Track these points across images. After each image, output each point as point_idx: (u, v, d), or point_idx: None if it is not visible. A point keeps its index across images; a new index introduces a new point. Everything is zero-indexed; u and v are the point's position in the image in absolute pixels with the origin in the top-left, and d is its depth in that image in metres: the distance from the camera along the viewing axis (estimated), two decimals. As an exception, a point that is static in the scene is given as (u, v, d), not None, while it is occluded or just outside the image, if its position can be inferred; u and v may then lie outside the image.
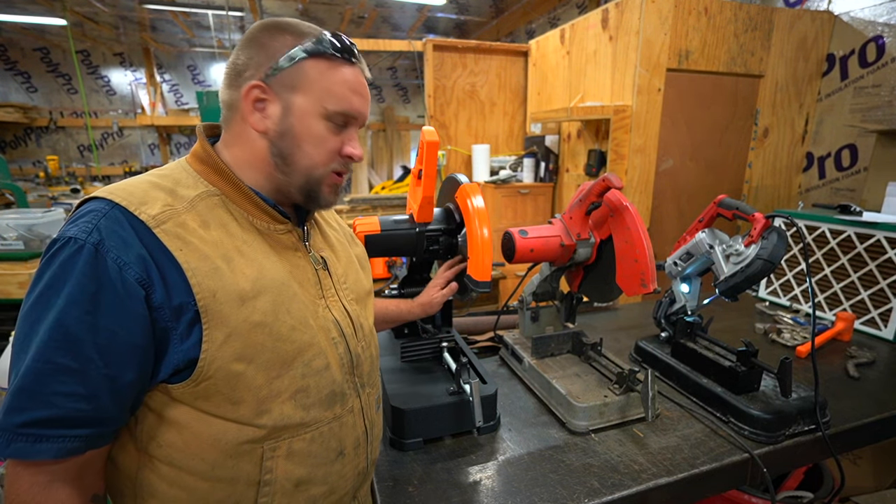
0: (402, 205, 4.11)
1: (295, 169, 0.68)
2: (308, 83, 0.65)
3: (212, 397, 0.60)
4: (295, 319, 0.66)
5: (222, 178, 0.67)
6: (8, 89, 6.75)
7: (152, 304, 0.56)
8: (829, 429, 1.05)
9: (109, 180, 6.99)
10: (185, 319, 0.58)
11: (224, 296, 0.59)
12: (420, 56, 3.32)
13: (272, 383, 0.63)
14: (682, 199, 2.64)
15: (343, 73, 0.67)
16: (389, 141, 8.27)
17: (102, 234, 0.55)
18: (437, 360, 1.21)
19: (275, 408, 0.63)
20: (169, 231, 0.58)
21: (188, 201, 0.62)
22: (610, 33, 2.51)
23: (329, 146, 0.68)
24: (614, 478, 0.92)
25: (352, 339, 0.75)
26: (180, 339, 0.58)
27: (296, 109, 0.66)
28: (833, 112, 2.67)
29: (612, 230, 1.13)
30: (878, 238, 1.54)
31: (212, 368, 0.58)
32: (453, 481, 0.92)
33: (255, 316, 0.62)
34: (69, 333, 0.52)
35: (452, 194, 1.15)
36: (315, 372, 0.68)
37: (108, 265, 0.54)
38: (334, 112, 0.66)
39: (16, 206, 3.56)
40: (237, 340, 0.60)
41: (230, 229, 0.65)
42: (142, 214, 0.58)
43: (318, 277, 0.73)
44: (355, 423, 0.74)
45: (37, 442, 0.52)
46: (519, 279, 1.42)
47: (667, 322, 1.35)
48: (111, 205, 0.58)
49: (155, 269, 0.57)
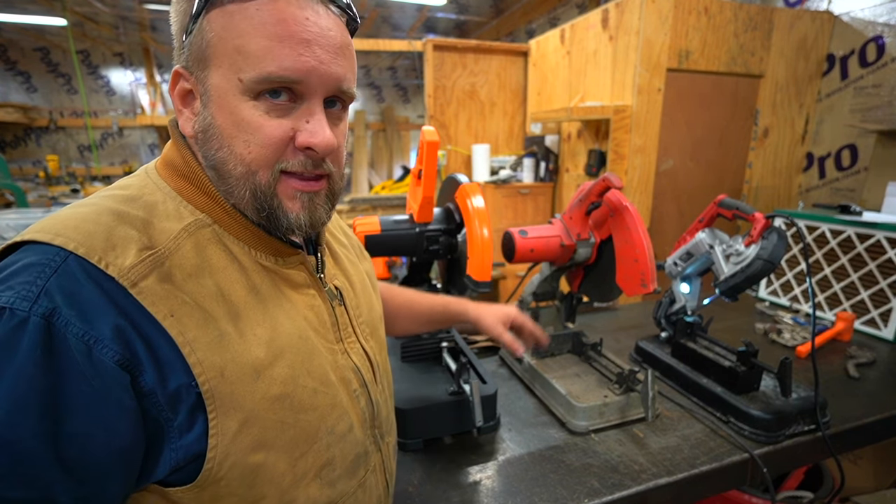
0: (402, 205, 4.11)
1: (231, 180, 0.47)
2: (218, 50, 0.44)
3: (222, 500, 0.45)
4: (317, 380, 0.52)
5: (213, 200, 0.49)
6: (8, 89, 6.75)
7: (142, 391, 0.41)
8: (829, 429, 1.05)
9: (110, 180, 6.99)
10: (185, 407, 0.43)
11: (235, 372, 0.45)
12: (420, 56, 3.32)
13: (296, 466, 0.49)
14: (682, 199, 2.64)
15: (260, 15, 0.42)
16: (389, 141, 8.27)
17: (56, 300, 0.38)
18: (437, 360, 1.21)
19: (300, 495, 0.50)
20: (152, 291, 0.42)
21: (171, 238, 0.45)
22: (610, 33, 2.51)
23: (266, 137, 0.45)
24: (614, 478, 0.92)
25: (372, 386, 0.61)
26: (179, 432, 0.43)
27: (212, 93, 0.46)
28: (833, 112, 2.67)
29: (612, 230, 1.13)
30: (878, 238, 1.54)
31: (224, 466, 0.44)
32: (453, 481, 0.92)
33: (275, 389, 0.47)
34: (18, 452, 0.35)
35: (452, 194, 1.15)
36: (339, 438, 0.54)
37: (68, 345, 0.37)
38: (253, 82, 0.43)
39: (16, 206, 3.56)
40: (255, 425, 0.46)
41: (231, 274, 0.48)
42: (110, 268, 0.40)
43: (335, 317, 0.58)
44: (377, 483, 0.62)
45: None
46: (519, 279, 1.42)
47: (667, 322, 1.35)
48: (62, 254, 0.40)
49: (140, 343, 0.41)
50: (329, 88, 0.47)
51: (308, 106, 0.47)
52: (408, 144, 8.44)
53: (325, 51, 0.45)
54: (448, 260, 1.24)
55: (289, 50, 0.43)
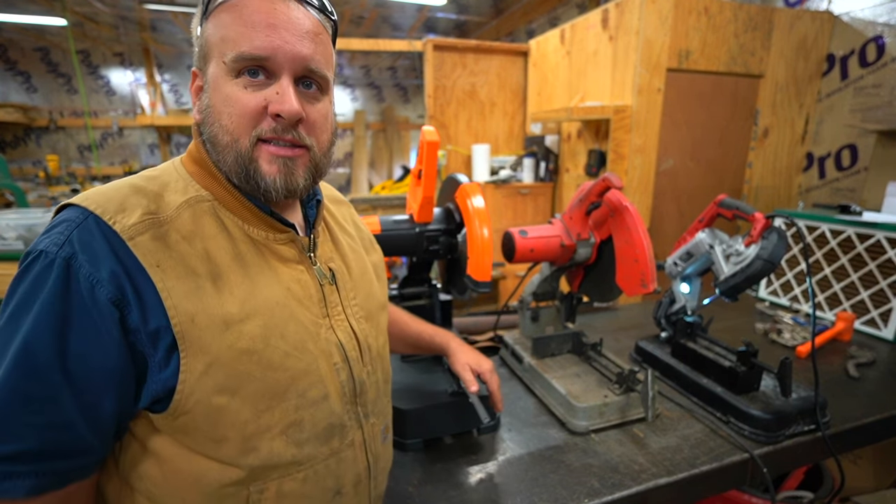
0: (402, 205, 4.11)
1: (221, 150, 0.57)
2: (212, 44, 0.55)
3: (191, 433, 0.53)
4: (290, 345, 0.58)
5: (215, 180, 0.59)
6: (8, 89, 6.75)
7: (128, 327, 0.50)
8: (829, 429, 1.05)
9: (109, 180, 6.94)
10: (163, 345, 0.51)
11: (205, 320, 0.52)
12: (420, 56, 3.32)
13: (260, 417, 0.56)
14: (682, 199, 2.64)
15: (241, 9, 0.53)
16: (389, 141, 8.27)
17: (75, 247, 0.49)
18: (437, 360, 1.21)
19: (263, 445, 0.56)
20: (145, 245, 0.51)
21: (174, 209, 0.55)
22: (610, 33, 2.51)
23: (244, 108, 0.54)
24: (614, 478, 0.92)
25: (356, 363, 0.66)
26: (159, 367, 0.51)
27: (210, 80, 0.56)
28: (833, 112, 2.67)
29: (612, 230, 1.13)
30: (878, 238, 1.54)
31: (190, 402, 0.52)
32: (453, 481, 0.92)
33: (242, 342, 0.54)
34: (37, 358, 0.46)
35: (452, 194, 1.15)
36: (311, 403, 0.60)
37: (79, 282, 0.48)
38: (231, 61, 0.54)
39: (16, 206, 3.56)
40: (219, 370, 0.53)
41: (219, 242, 0.57)
42: (116, 224, 0.51)
43: (322, 294, 0.64)
44: (356, 459, 0.67)
45: (6, 479, 0.46)
46: (519, 279, 1.42)
47: (667, 322, 1.35)
48: (86, 213, 0.51)
49: (130, 288, 0.50)
50: (296, 67, 0.56)
51: (279, 82, 0.55)
52: (408, 144, 8.44)
53: (290, 34, 0.54)
54: (448, 260, 1.24)
55: (258, 32, 0.53)
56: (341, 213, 0.80)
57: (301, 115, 0.56)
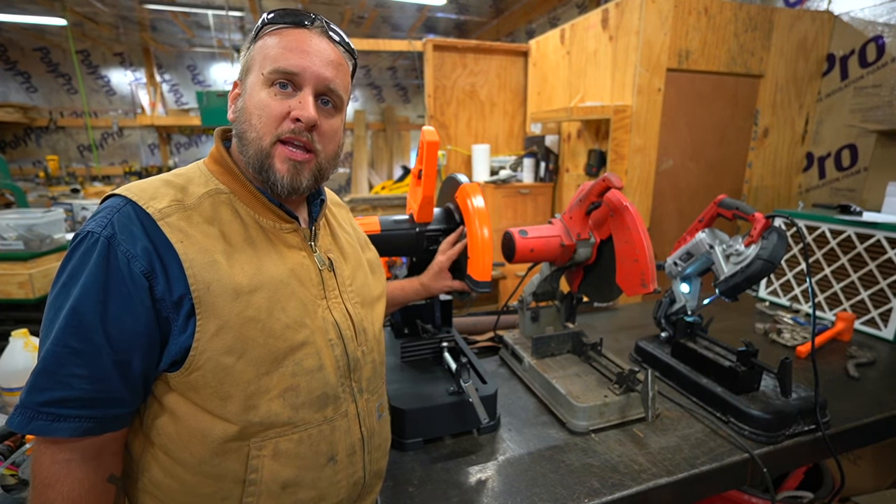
0: (402, 205, 4.11)
1: (247, 144, 0.67)
2: (254, 61, 0.68)
3: (201, 389, 0.61)
4: (290, 318, 0.67)
5: (232, 177, 0.70)
6: (8, 89, 6.75)
7: (155, 296, 0.59)
8: (829, 429, 1.05)
9: (109, 180, 6.99)
10: (184, 312, 0.60)
11: (218, 288, 0.61)
12: (420, 56, 3.32)
13: (261, 379, 0.64)
14: (682, 199, 2.64)
15: (282, 37, 0.67)
16: (389, 141, 8.27)
17: (115, 228, 0.59)
18: (437, 360, 1.21)
19: (262, 404, 0.64)
20: (172, 224, 0.61)
21: (196, 198, 0.66)
22: (610, 33, 2.51)
23: (271, 111, 0.66)
24: (614, 478, 0.92)
25: (351, 342, 0.74)
26: (179, 330, 0.60)
27: (247, 88, 0.68)
28: (833, 112, 2.67)
29: (612, 230, 1.13)
30: (878, 238, 1.54)
31: (202, 358, 0.60)
32: (453, 481, 0.92)
33: (249, 311, 0.63)
34: (82, 319, 0.56)
35: (452, 194, 1.15)
36: (306, 371, 0.68)
37: (118, 257, 0.58)
38: (269, 73, 0.66)
39: (16, 206, 3.56)
40: (228, 333, 0.61)
41: (233, 226, 0.67)
42: (149, 208, 0.61)
43: (321, 278, 0.73)
44: (350, 429, 0.73)
45: (55, 421, 0.56)
46: (519, 279, 1.42)
47: (667, 322, 1.35)
48: (125, 201, 0.62)
49: (158, 262, 0.59)
50: (318, 84, 0.68)
51: (302, 93, 0.67)
52: (408, 144, 8.44)
53: (318, 59, 0.67)
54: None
55: (294, 54, 0.66)
56: (341, 215, 0.90)
57: (316, 122, 0.67)
